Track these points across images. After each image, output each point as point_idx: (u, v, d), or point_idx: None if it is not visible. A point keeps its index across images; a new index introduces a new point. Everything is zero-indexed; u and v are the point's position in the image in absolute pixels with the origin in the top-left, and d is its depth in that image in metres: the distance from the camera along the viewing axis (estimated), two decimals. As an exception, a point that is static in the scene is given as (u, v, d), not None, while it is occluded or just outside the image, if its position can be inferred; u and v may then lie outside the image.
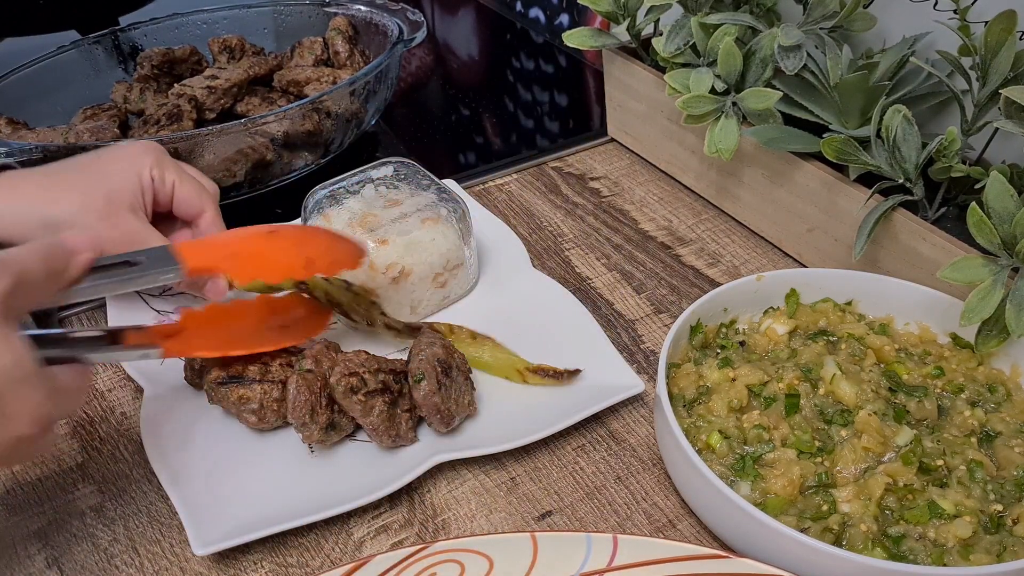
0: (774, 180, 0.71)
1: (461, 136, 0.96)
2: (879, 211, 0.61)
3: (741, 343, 0.59)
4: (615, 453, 0.58)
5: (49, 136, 0.82)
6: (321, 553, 0.53)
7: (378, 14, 0.95)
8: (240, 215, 0.78)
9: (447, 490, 0.56)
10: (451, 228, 0.66)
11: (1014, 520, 0.48)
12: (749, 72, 0.70)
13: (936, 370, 0.56)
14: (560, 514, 0.54)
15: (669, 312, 0.69)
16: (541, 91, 1.05)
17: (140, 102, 0.89)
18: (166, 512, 0.55)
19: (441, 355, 0.57)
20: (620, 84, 0.85)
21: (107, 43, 0.96)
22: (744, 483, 0.50)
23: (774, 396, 0.54)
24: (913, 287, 0.59)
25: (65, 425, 0.61)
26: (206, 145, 0.75)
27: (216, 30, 0.99)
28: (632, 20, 0.79)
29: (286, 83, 0.91)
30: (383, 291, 0.64)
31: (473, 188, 0.83)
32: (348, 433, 0.57)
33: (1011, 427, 0.53)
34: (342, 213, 0.66)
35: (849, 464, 0.50)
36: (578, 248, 0.76)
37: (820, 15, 0.67)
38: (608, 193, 0.83)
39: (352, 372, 0.55)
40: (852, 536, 0.47)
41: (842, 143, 0.61)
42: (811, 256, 0.71)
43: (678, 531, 0.53)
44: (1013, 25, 0.57)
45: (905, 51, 0.66)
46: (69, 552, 0.53)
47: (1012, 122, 0.56)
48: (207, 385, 0.57)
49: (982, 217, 0.53)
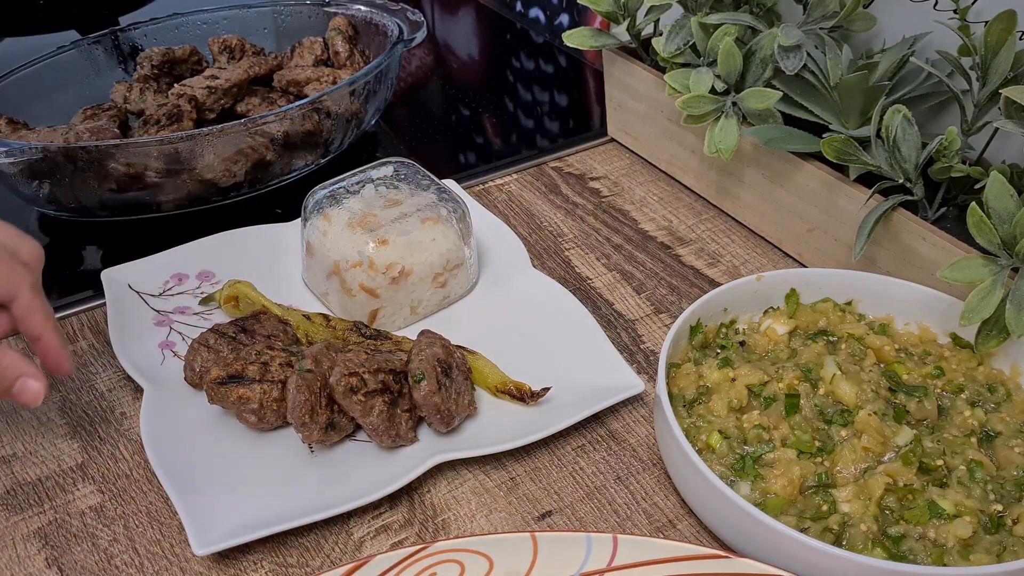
0: (774, 180, 0.71)
1: (461, 136, 0.96)
2: (879, 211, 0.61)
3: (741, 343, 0.59)
4: (615, 453, 0.58)
5: (49, 136, 0.82)
6: (321, 553, 0.53)
7: (378, 14, 0.95)
8: (240, 215, 0.79)
9: (447, 490, 0.56)
10: (451, 228, 0.66)
11: (1014, 520, 0.48)
12: (749, 72, 0.70)
13: (936, 370, 0.56)
14: (560, 514, 0.54)
15: (669, 312, 0.69)
16: (541, 91, 1.05)
17: (140, 102, 0.89)
18: (166, 512, 0.55)
19: (441, 355, 0.57)
20: (620, 84, 0.85)
21: (107, 43, 0.96)
22: (744, 483, 0.50)
23: (774, 396, 0.54)
24: (913, 287, 0.59)
25: (65, 425, 0.61)
26: (206, 145, 0.75)
27: (216, 30, 0.99)
28: (632, 20, 0.79)
29: (286, 83, 0.91)
30: (383, 291, 0.64)
31: (473, 188, 0.83)
32: (348, 433, 0.57)
33: (1011, 427, 0.53)
34: (342, 213, 0.66)
35: (849, 464, 0.50)
36: (578, 248, 0.76)
37: (820, 15, 0.67)
38: (608, 193, 0.83)
39: (352, 372, 0.55)
40: (852, 536, 0.47)
41: (842, 143, 0.61)
42: (811, 256, 0.71)
43: (678, 531, 0.53)
44: (1013, 25, 0.57)
45: (905, 51, 0.66)
46: (69, 552, 0.53)
47: (1012, 122, 0.56)
48: (207, 385, 0.57)
49: (982, 217, 0.53)
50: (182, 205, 0.79)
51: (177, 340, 0.65)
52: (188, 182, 0.77)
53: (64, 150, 0.72)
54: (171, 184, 0.77)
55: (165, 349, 0.64)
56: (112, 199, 0.77)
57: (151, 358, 0.63)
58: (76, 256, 0.79)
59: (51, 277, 0.75)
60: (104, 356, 0.66)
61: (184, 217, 0.79)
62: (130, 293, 0.68)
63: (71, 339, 0.68)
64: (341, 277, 0.65)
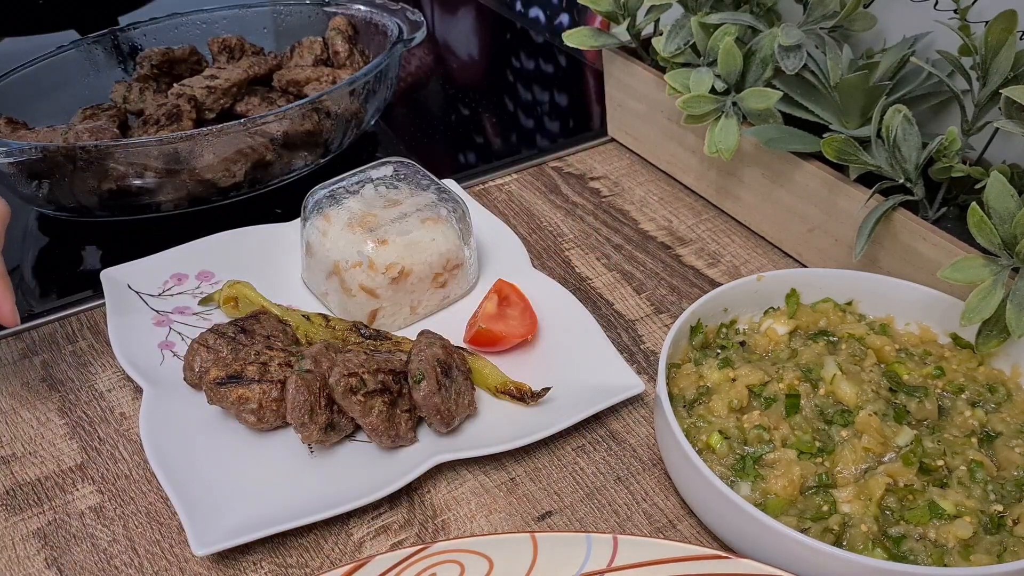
0: (774, 180, 0.71)
1: (461, 136, 0.96)
2: (879, 211, 0.61)
3: (741, 343, 0.59)
4: (615, 453, 0.58)
5: (49, 136, 0.82)
6: (321, 553, 0.53)
7: (378, 14, 0.95)
8: (240, 215, 0.79)
9: (447, 490, 0.56)
10: (451, 228, 0.66)
11: (1014, 520, 0.48)
12: (749, 72, 0.70)
13: (936, 370, 0.56)
14: (560, 514, 0.54)
15: (669, 312, 0.69)
16: (541, 91, 1.05)
17: (140, 102, 0.89)
18: (166, 512, 0.55)
19: (441, 355, 0.57)
20: (620, 84, 0.85)
21: (107, 43, 0.96)
22: (744, 483, 0.50)
23: (774, 396, 0.54)
24: (913, 287, 0.59)
25: (65, 425, 0.61)
26: (206, 145, 0.75)
27: (216, 30, 0.99)
28: (632, 20, 0.79)
29: (286, 83, 0.90)
30: (382, 291, 0.64)
31: (473, 188, 0.83)
32: (348, 433, 0.57)
33: (1011, 427, 0.53)
34: (342, 213, 0.66)
35: (849, 464, 0.50)
36: (578, 248, 0.76)
37: (820, 15, 0.67)
38: (608, 193, 0.83)
39: (351, 372, 0.55)
40: (852, 536, 0.47)
41: (842, 143, 0.61)
42: (811, 256, 0.71)
43: (678, 531, 0.53)
44: (1013, 25, 0.57)
45: (905, 51, 0.66)
46: (69, 552, 0.53)
47: (1012, 122, 0.56)
48: (206, 385, 0.57)
49: (982, 217, 0.53)
50: (182, 205, 0.79)
51: (177, 340, 0.65)
52: (188, 182, 0.77)
53: (64, 150, 0.72)
54: (171, 184, 0.77)
55: (165, 349, 0.64)
56: (111, 199, 0.77)
57: (151, 358, 0.63)
58: (76, 256, 0.79)
59: (51, 277, 0.76)
60: (104, 356, 0.66)
61: (184, 217, 0.79)
62: (130, 293, 0.68)
63: (71, 339, 0.68)
64: (341, 277, 0.65)
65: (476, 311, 0.65)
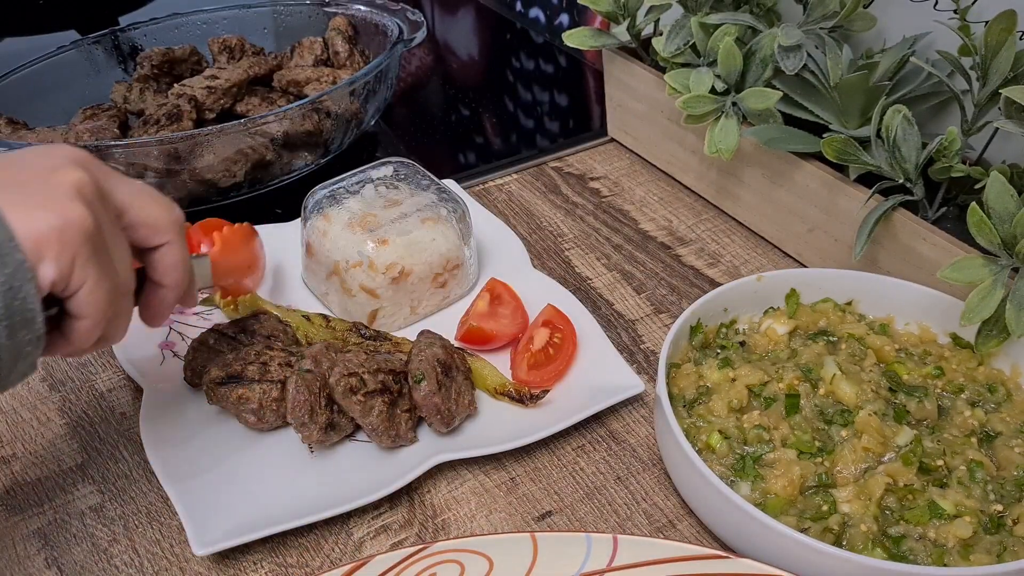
0: (774, 180, 0.71)
1: (461, 136, 0.96)
2: (879, 211, 0.61)
3: (741, 343, 0.59)
4: (615, 453, 0.58)
5: (49, 136, 0.81)
6: (321, 553, 0.53)
7: (378, 14, 0.95)
8: (240, 215, 0.78)
9: (447, 490, 0.56)
10: (451, 228, 0.66)
11: (1014, 520, 0.48)
12: (749, 72, 0.70)
13: (936, 370, 0.56)
14: (560, 514, 0.54)
15: (669, 312, 0.69)
16: (541, 91, 1.05)
17: (140, 102, 0.89)
18: (166, 512, 0.55)
19: (441, 355, 0.57)
20: (620, 84, 0.85)
21: (107, 43, 0.96)
22: (744, 483, 0.50)
23: (774, 396, 0.54)
24: (913, 287, 0.59)
25: (65, 425, 0.61)
26: (206, 145, 0.75)
27: (216, 30, 0.99)
28: (632, 20, 0.79)
29: (286, 83, 0.90)
30: (383, 291, 0.64)
31: (473, 188, 0.83)
32: (348, 433, 0.57)
33: (1011, 427, 0.53)
34: (342, 213, 0.66)
35: (849, 464, 0.50)
36: (578, 248, 0.76)
37: (820, 15, 0.67)
38: (608, 193, 0.83)
39: (352, 372, 0.55)
40: (852, 536, 0.47)
41: (842, 143, 0.61)
42: (811, 256, 0.71)
43: (678, 531, 0.53)
44: (1013, 25, 0.57)
45: (905, 51, 0.66)
46: (69, 552, 0.53)
47: (1012, 122, 0.56)
48: (206, 385, 0.57)
49: (982, 217, 0.53)
50: (182, 205, 0.79)
51: (177, 340, 0.65)
52: (188, 182, 0.77)
53: (64, 150, 0.72)
54: (171, 184, 0.77)
55: (165, 349, 0.64)
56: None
57: (151, 358, 0.63)
58: (76, 256, 0.78)
59: (51, 277, 0.76)
60: (104, 356, 0.66)
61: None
62: (130, 293, 0.68)
63: (71, 339, 0.68)
64: (341, 277, 0.65)
65: (468, 309, 0.65)
